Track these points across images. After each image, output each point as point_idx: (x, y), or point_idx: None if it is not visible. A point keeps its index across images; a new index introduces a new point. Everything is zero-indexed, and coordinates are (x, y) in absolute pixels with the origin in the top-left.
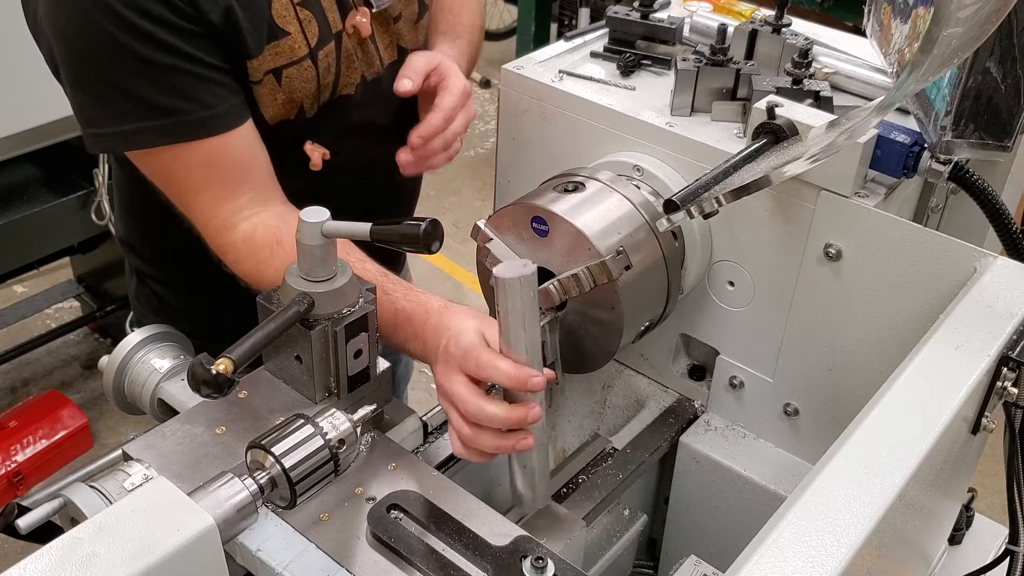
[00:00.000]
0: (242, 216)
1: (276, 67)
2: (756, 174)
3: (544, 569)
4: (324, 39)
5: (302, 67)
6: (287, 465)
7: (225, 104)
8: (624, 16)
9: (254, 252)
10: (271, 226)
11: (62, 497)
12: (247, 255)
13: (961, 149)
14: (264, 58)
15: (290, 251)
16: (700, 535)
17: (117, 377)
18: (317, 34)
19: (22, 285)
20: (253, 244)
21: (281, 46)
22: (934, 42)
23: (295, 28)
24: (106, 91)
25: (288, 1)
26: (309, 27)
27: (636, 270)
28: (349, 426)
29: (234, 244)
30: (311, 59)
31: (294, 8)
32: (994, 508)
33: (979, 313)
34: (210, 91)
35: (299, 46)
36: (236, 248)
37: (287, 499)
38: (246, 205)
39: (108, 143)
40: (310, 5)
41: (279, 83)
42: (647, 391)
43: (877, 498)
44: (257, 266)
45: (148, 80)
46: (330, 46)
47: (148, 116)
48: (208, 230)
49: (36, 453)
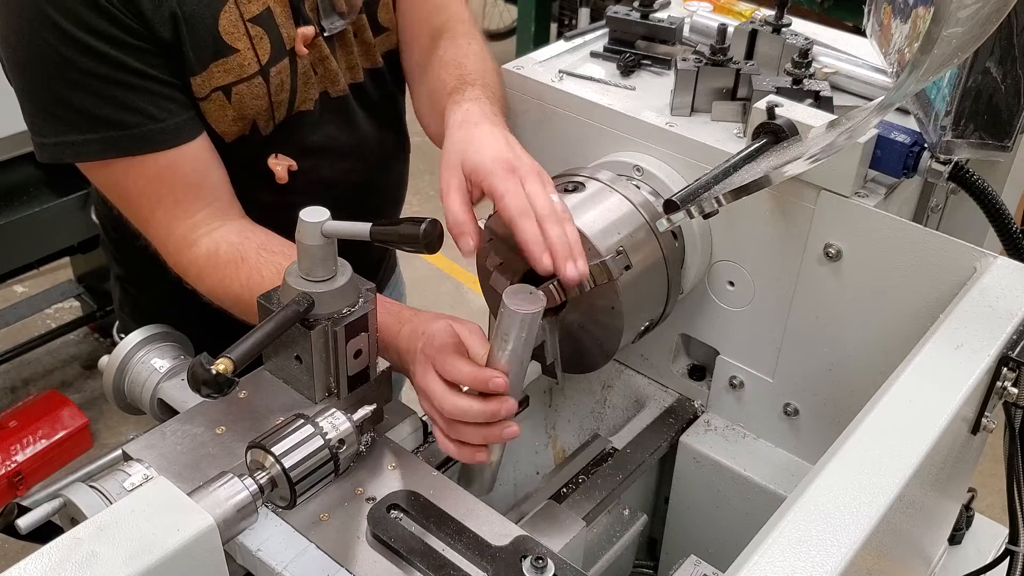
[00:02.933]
0: (200, 232)
1: (225, 84)
2: (756, 174)
3: (544, 569)
4: (276, 56)
5: (252, 84)
6: (287, 465)
7: (174, 119)
8: (624, 16)
9: (218, 268)
10: (234, 242)
11: (62, 497)
12: (211, 271)
13: (961, 149)
14: (211, 75)
15: (254, 266)
16: (700, 535)
17: (117, 377)
18: (269, 51)
19: (22, 285)
20: (217, 260)
21: (230, 63)
22: (934, 42)
23: (244, 45)
24: (51, 102)
25: (237, 18)
26: (260, 44)
27: (636, 270)
28: (349, 426)
29: (195, 261)
30: (262, 76)
31: (244, 25)
32: (994, 508)
33: (979, 313)
34: (158, 105)
35: (249, 63)
36: (198, 265)
37: (287, 499)
38: (204, 221)
39: (54, 153)
40: (262, 21)
41: (228, 100)
42: (647, 391)
43: (877, 498)
44: (222, 282)
45: (92, 93)
46: (283, 63)
47: (93, 128)
48: (167, 248)
49: (36, 453)
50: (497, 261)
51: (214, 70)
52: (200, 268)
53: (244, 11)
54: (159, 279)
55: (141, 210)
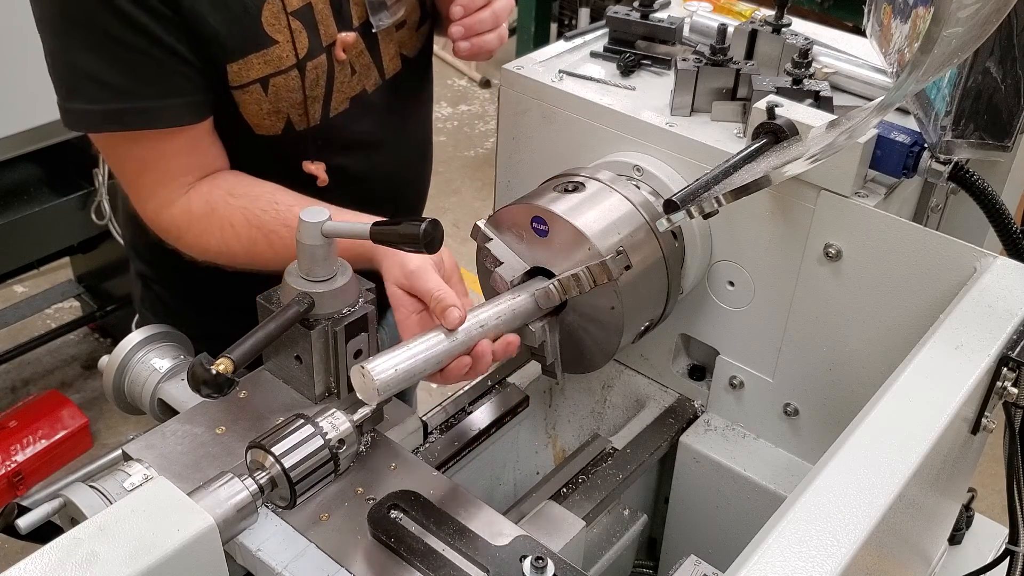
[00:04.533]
0: (182, 192)
1: (263, 76)
2: (756, 174)
3: (544, 569)
4: (314, 51)
5: (288, 77)
6: (287, 465)
7: (184, 98)
8: (624, 16)
9: (193, 224)
10: (204, 192)
11: (62, 497)
12: (187, 228)
13: (961, 149)
14: (250, 64)
15: (224, 215)
16: (700, 535)
17: (117, 377)
18: (307, 45)
19: (22, 285)
20: (191, 216)
21: (269, 54)
22: (934, 42)
23: (284, 37)
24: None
25: (280, 9)
26: (299, 38)
27: (636, 270)
28: (349, 426)
29: (173, 220)
30: (298, 69)
31: (286, 17)
32: (994, 508)
33: (979, 313)
34: (171, 81)
35: (287, 55)
36: (177, 224)
37: (287, 499)
38: (189, 183)
39: (67, 119)
40: (302, 15)
41: (265, 92)
42: (647, 391)
43: (877, 498)
44: (199, 238)
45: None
46: (320, 59)
47: (101, 98)
48: (147, 210)
49: (36, 453)
50: (497, 261)
51: (254, 60)
52: (179, 227)
53: (287, 3)
54: (182, 275)
55: (129, 174)
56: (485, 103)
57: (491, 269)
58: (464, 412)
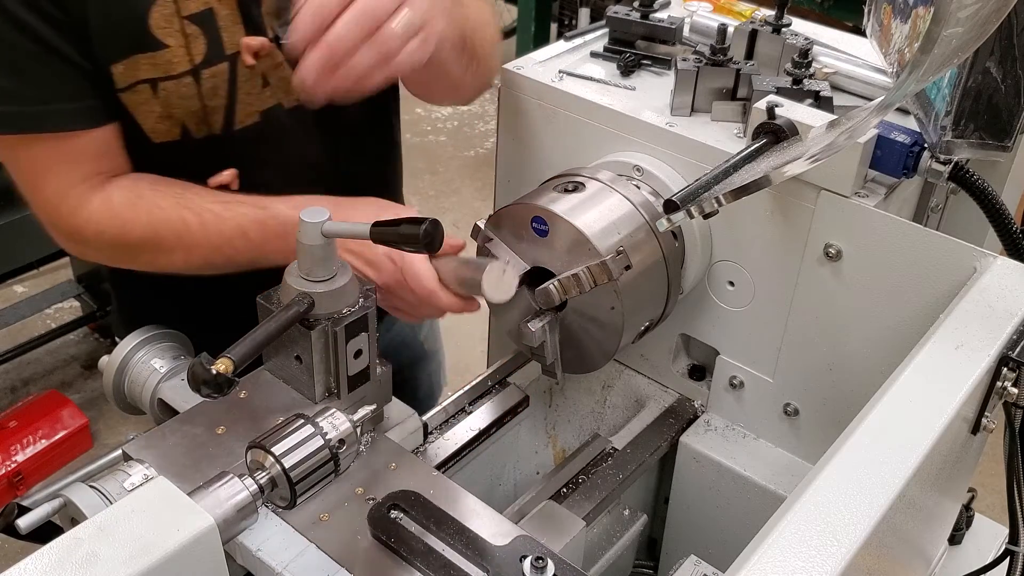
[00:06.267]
0: (95, 191)
1: (152, 78)
2: (756, 174)
3: (544, 569)
4: (212, 58)
5: (181, 83)
6: (287, 465)
7: (78, 103)
8: (624, 16)
9: (115, 216)
10: (126, 185)
11: (62, 497)
12: (109, 222)
13: (961, 149)
14: (136, 65)
15: (152, 200)
16: (700, 535)
17: (117, 377)
18: (204, 52)
19: (22, 285)
20: (112, 208)
21: (157, 58)
22: (934, 42)
23: (176, 42)
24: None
25: (172, 12)
26: (194, 43)
27: (636, 270)
28: (349, 426)
29: (91, 217)
30: (192, 76)
31: (180, 20)
32: (994, 508)
33: (979, 313)
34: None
35: (178, 60)
36: (95, 220)
37: (287, 499)
38: (100, 183)
39: None
40: (201, 20)
41: (155, 94)
42: (647, 391)
43: (877, 498)
44: (123, 229)
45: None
46: (220, 67)
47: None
48: (60, 213)
49: (36, 453)
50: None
51: (141, 62)
52: (97, 222)
53: (181, 7)
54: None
55: (29, 182)
56: (485, 103)
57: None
58: (464, 412)
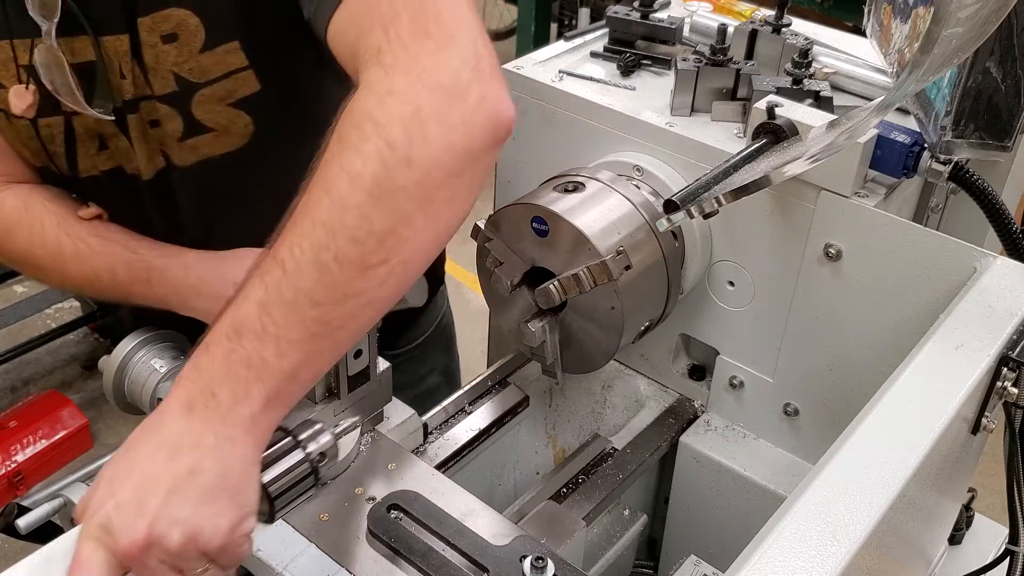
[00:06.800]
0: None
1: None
2: (756, 174)
3: (544, 569)
4: (46, 111)
5: (20, 123)
6: (266, 479)
7: None
8: (624, 16)
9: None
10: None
11: (62, 497)
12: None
13: (961, 149)
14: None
15: (36, 217)
16: (700, 535)
17: (117, 377)
18: (35, 104)
19: (22, 285)
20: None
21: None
22: (934, 42)
23: (12, 84)
24: None
25: (9, 58)
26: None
27: (636, 270)
28: (331, 439)
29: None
30: (29, 121)
31: (16, 67)
32: (994, 508)
33: (979, 313)
34: None
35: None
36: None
37: (265, 513)
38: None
39: None
40: (32, 72)
41: (9, 122)
42: (647, 391)
43: (877, 498)
44: (7, 236)
45: None
46: (55, 119)
47: None
48: None
49: (36, 453)
50: (497, 261)
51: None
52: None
53: (18, 53)
54: None
55: None
56: None
57: (491, 269)
58: (464, 412)
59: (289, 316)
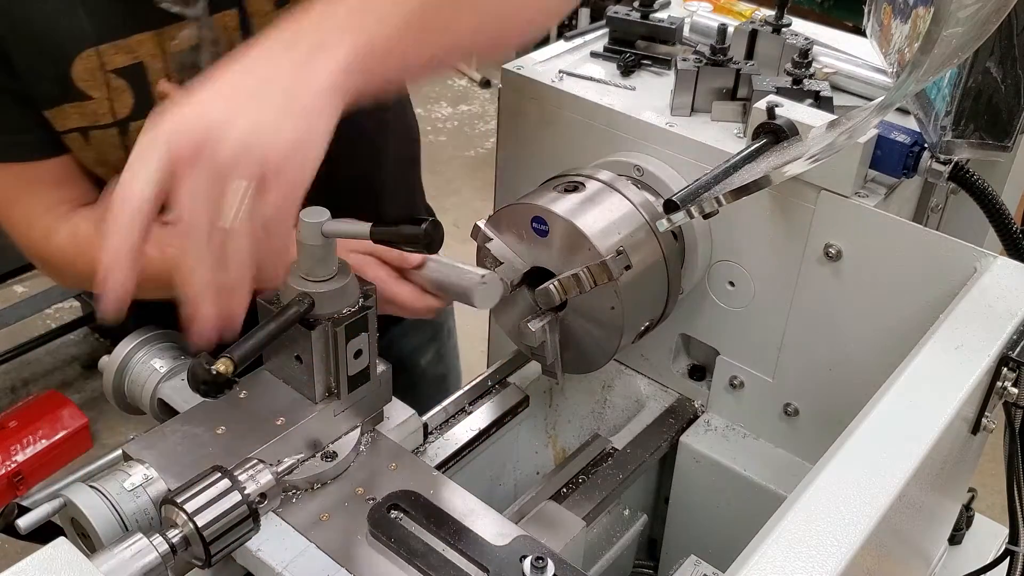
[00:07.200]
0: (64, 220)
1: (81, 127)
2: (756, 174)
3: (544, 569)
4: (139, 112)
5: (108, 133)
6: (200, 524)
7: (30, 135)
8: (624, 16)
9: (82, 250)
10: (91, 217)
11: (62, 497)
12: (76, 255)
13: (961, 149)
14: (65, 114)
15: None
16: (700, 535)
17: (117, 377)
18: (131, 105)
19: (22, 285)
20: (78, 242)
21: (85, 108)
22: (934, 42)
23: (101, 95)
24: None
25: (96, 66)
26: (119, 97)
27: (636, 270)
28: (271, 479)
29: (59, 248)
30: (118, 128)
31: (104, 74)
32: (994, 508)
33: (979, 313)
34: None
35: (103, 112)
36: (63, 251)
37: (202, 558)
38: (67, 212)
39: None
40: (128, 75)
41: (86, 141)
42: (647, 391)
43: (877, 498)
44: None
45: None
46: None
47: None
48: (30, 240)
49: (36, 453)
50: (497, 261)
51: (69, 111)
52: (64, 254)
53: (106, 61)
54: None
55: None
56: (485, 103)
57: (491, 269)
58: (464, 412)
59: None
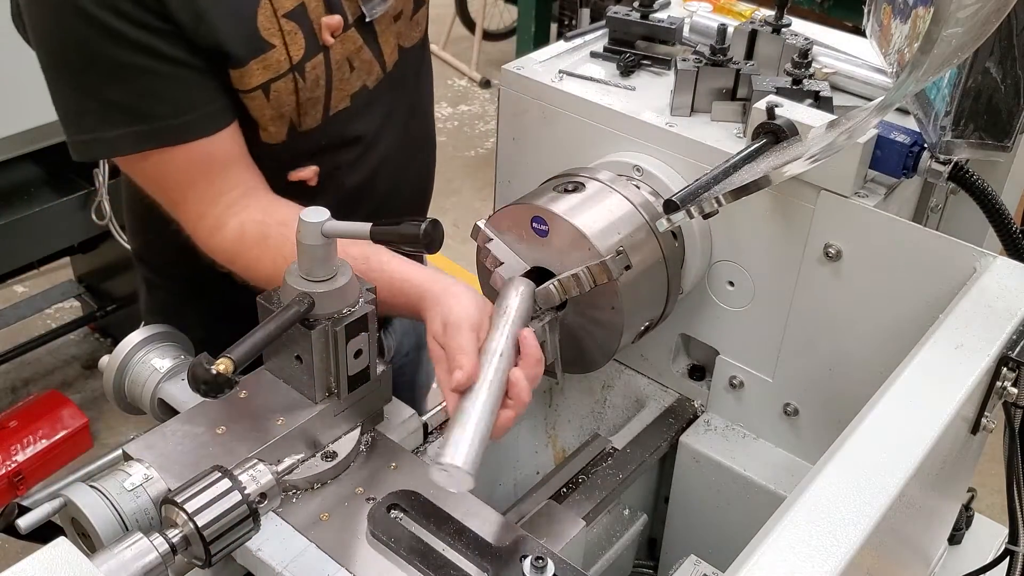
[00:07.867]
0: (232, 212)
1: (264, 81)
2: (756, 174)
3: (544, 569)
4: (310, 52)
5: (287, 80)
6: (200, 523)
7: (207, 107)
8: (624, 16)
9: (245, 252)
10: (257, 220)
11: (62, 497)
12: (238, 255)
13: (961, 149)
14: (251, 72)
15: (276, 246)
16: (700, 535)
17: (117, 377)
18: (303, 47)
19: (22, 285)
20: (243, 243)
21: (268, 59)
22: (934, 42)
23: (279, 41)
24: (82, 96)
25: (271, 13)
26: (293, 39)
27: (636, 270)
28: (271, 479)
29: (224, 243)
30: (296, 72)
31: (277, 20)
32: (994, 508)
33: (979, 313)
34: (190, 93)
35: (283, 59)
36: (226, 249)
37: (202, 558)
38: (236, 200)
39: (88, 150)
40: (296, 16)
41: (268, 99)
42: (647, 391)
43: (877, 498)
44: (249, 264)
45: (124, 84)
46: (317, 58)
47: (126, 122)
48: (199, 232)
49: (36, 453)
50: (497, 261)
51: (254, 67)
52: (227, 250)
53: (277, 6)
54: (188, 281)
55: (173, 194)
56: (485, 103)
57: (491, 269)
58: None
59: None
